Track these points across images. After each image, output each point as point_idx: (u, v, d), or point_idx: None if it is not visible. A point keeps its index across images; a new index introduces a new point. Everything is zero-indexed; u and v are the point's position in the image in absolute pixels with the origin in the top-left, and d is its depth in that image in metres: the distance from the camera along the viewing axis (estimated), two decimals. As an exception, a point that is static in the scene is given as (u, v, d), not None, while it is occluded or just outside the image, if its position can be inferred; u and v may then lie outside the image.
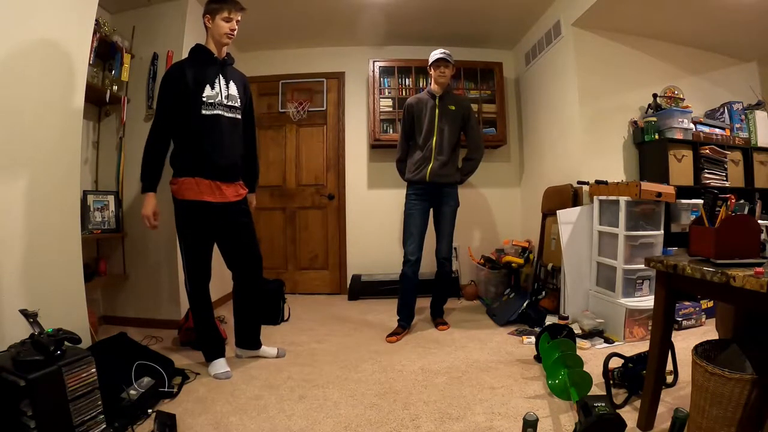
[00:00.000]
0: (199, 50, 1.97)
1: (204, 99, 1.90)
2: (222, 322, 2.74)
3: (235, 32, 1.94)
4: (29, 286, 1.58)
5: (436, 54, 2.64)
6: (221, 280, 3.39)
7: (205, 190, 1.94)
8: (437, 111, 2.65)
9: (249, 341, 2.20)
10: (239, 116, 2.04)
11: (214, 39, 1.95)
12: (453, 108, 2.67)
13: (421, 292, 2.73)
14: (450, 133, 2.66)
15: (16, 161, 1.57)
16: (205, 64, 1.95)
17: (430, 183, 2.64)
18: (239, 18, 1.95)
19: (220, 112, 1.94)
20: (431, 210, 2.73)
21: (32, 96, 1.64)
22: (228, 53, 2.05)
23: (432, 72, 2.68)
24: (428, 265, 2.97)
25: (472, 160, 2.77)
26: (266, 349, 2.23)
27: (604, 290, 2.58)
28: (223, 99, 1.96)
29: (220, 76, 1.97)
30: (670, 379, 1.76)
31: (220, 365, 2.02)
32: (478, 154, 2.76)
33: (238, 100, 2.03)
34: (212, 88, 1.93)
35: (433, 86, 2.71)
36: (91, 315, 2.04)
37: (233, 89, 2.01)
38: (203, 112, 1.90)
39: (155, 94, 2.78)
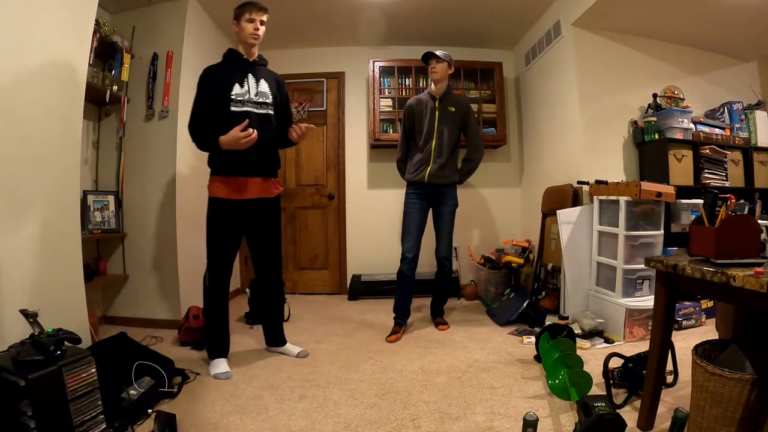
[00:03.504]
0: (230, 53, 2.08)
1: (233, 97, 1.97)
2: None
3: (259, 32, 2.01)
4: (29, 286, 1.58)
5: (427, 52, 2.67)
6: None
7: (230, 188, 1.99)
8: (437, 113, 2.66)
9: (276, 339, 2.31)
10: (271, 112, 2.08)
11: (242, 41, 2.04)
12: (453, 110, 2.68)
13: (421, 292, 2.73)
14: (449, 135, 2.67)
15: (15, 161, 1.57)
16: (235, 64, 2.04)
17: (428, 184, 2.66)
18: (263, 18, 2.03)
19: (249, 108, 2.00)
20: (430, 209, 2.75)
21: (32, 96, 1.63)
22: (260, 55, 2.12)
23: (428, 70, 2.70)
24: (429, 265, 2.97)
25: (471, 161, 2.78)
26: (290, 348, 2.30)
27: (604, 290, 2.58)
28: (253, 96, 2.02)
29: (250, 75, 2.04)
30: (670, 379, 1.76)
31: (221, 365, 2.03)
32: (477, 155, 2.77)
33: (270, 96, 2.08)
34: (241, 86, 2.00)
35: (433, 87, 2.72)
36: (91, 315, 2.04)
37: (264, 86, 2.07)
38: (232, 108, 1.96)
39: (155, 94, 2.79)
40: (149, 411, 1.59)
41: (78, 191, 1.87)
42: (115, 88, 2.69)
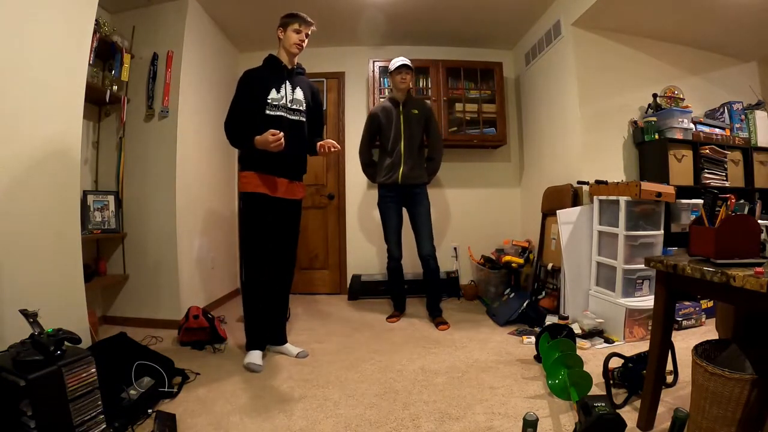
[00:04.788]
0: (270, 59, 2.17)
1: (269, 101, 2.07)
2: (222, 322, 2.74)
3: (304, 44, 2.14)
4: (29, 286, 1.58)
5: (398, 61, 2.79)
6: (227, 277, 3.40)
7: (262, 183, 2.08)
8: (402, 117, 2.83)
9: (277, 337, 2.32)
10: (303, 119, 2.18)
11: (285, 49, 2.14)
12: (416, 112, 2.85)
13: (419, 292, 2.75)
14: (415, 137, 2.84)
15: (16, 161, 1.57)
16: (275, 71, 2.14)
17: (401, 185, 2.81)
18: (308, 32, 2.14)
19: (282, 113, 2.10)
20: (405, 210, 2.93)
21: (32, 96, 1.64)
22: (299, 63, 2.23)
23: (394, 78, 2.82)
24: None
25: (433, 160, 2.96)
26: (289, 347, 2.30)
27: (604, 290, 2.58)
28: (287, 102, 2.12)
29: (287, 82, 2.14)
30: (670, 379, 1.76)
31: (255, 356, 2.10)
32: (438, 155, 2.96)
33: (304, 104, 2.19)
34: (278, 92, 2.10)
35: (396, 93, 2.87)
36: (91, 315, 2.04)
37: (299, 94, 2.17)
38: (267, 112, 2.06)
39: (155, 94, 2.79)
40: (149, 411, 1.59)
41: (78, 191, 1.88)
42: (115, 88, 2.70)
